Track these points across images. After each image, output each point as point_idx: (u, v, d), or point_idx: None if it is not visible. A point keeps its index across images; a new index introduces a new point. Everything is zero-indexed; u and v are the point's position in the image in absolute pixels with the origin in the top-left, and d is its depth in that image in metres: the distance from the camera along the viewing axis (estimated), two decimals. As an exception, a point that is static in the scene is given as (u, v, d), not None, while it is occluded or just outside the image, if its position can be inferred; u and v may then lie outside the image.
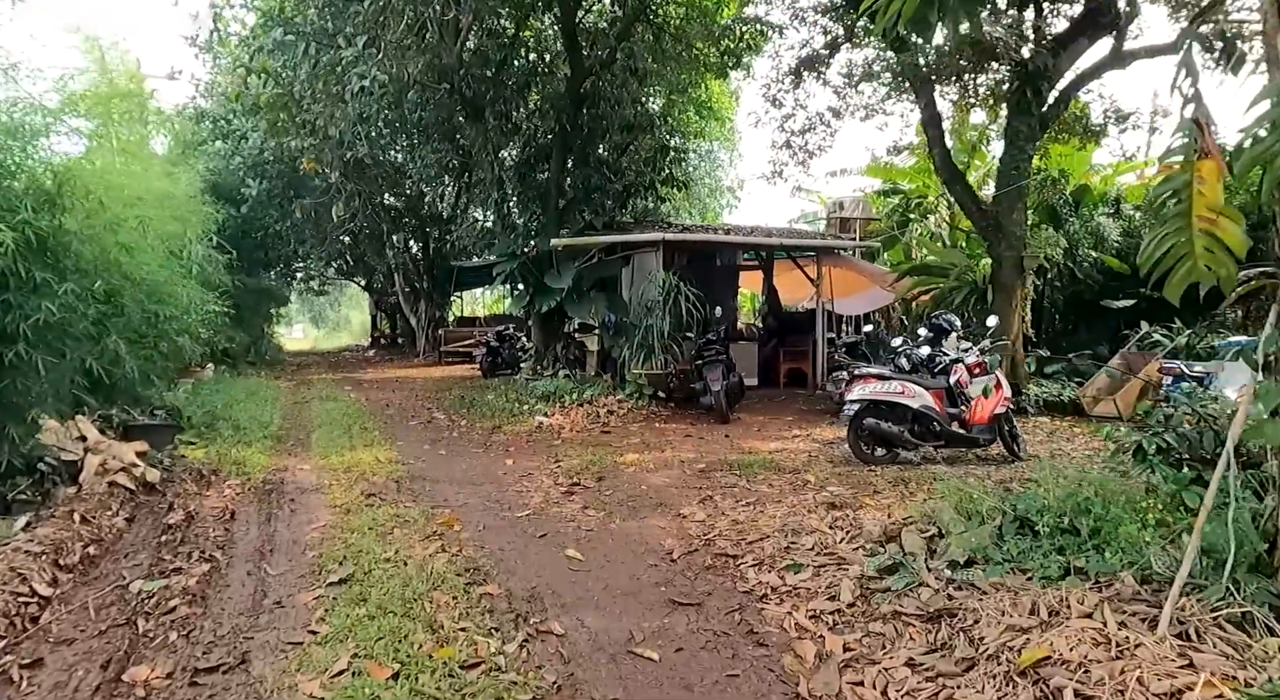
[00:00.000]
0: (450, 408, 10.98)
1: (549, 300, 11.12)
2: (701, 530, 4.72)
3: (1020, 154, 10.20)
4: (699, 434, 8.54)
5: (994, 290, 10.42)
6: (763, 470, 6.38)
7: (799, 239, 12.95)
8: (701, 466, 6.66)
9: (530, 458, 7.35)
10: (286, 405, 11.40)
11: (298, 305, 47.48)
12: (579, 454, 7.37)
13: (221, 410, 9.85)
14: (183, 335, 9.09)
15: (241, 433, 8.40)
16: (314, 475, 6.48)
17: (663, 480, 6.22)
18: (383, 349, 28.08)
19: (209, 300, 10.02)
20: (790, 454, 7.21)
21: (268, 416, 9.74)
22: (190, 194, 12.20)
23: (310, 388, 14.32)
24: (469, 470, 6.81)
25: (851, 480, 5.95)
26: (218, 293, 12.50)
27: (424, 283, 22.69)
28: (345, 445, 7.91)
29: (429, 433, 9.00)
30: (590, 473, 6.46)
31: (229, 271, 14.24)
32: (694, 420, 9.55)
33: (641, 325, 10.56)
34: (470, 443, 8.32)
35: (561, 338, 12.13)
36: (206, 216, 12.35)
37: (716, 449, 7.59)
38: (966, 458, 6.78)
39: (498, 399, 11.03)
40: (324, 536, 4.66)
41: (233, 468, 6.51)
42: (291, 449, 7.78)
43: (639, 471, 6.55)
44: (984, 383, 6.51)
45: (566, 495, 5.77)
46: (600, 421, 9.32)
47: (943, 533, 3.88)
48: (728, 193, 25.93)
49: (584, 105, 11.30)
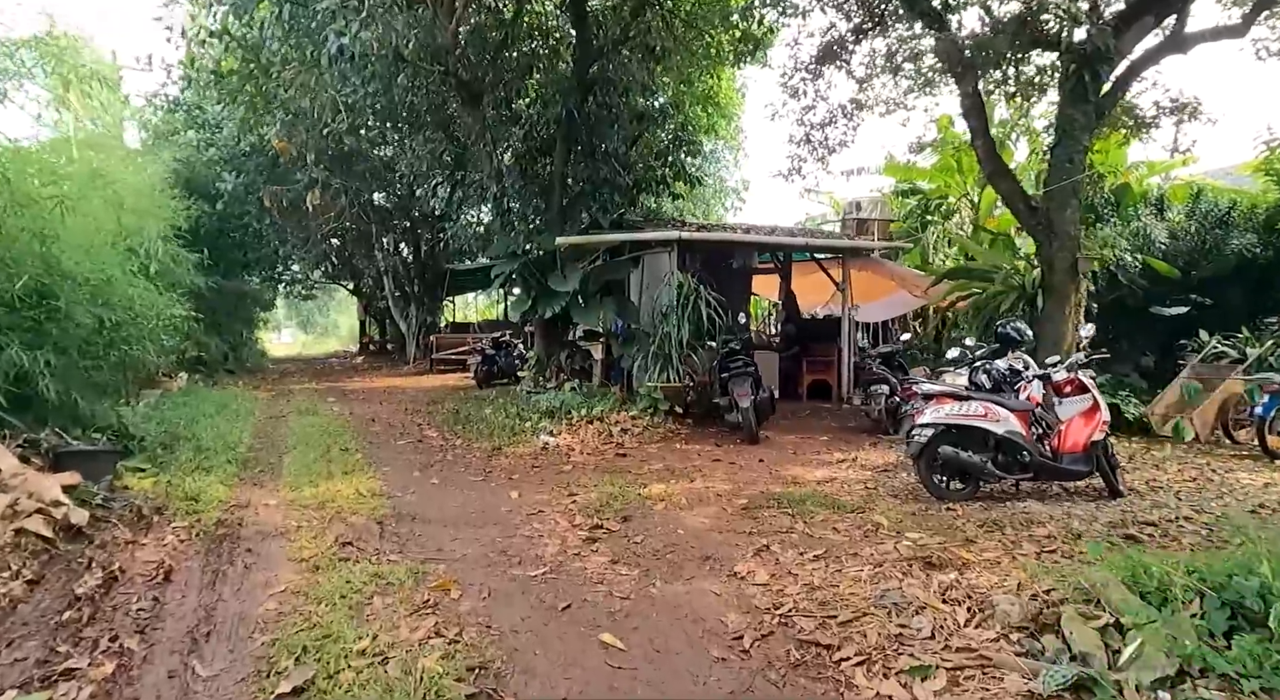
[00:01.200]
0: (443, 424, 9.90)
1: (553, 305, 10.08)
2: (770, 599, 3.68)
3: (1075, 145, 9.24)
4: (728, 458, 7.50)
5: (1045, 295, 9.45)
6: (818, 507, 5.35)
7: (825, 239, 11.96)
8: (743, 502, 5.62)
9: (538, 488, 6.28)
10: (260, 420, 10.28)
11: (285, 310, 46.29)
12: (595, 484, 6.32)
13: (184, 428, 8.74)
14: (140, 343, 8.03)
15: (203, 456, 7.30)
16: (280, 513, 5.39)
17: (701, 521, 5.17)
18: (371, 355, 26.92)
19: (173, 303, 8.95)
20: (842, 485, 6.18)
21: (236, 435, 8.63)
22: (153, 185, 11.12)
23: (290, 399, 13.19)
24: (467, 506, 5.74)
25: (932, 523, 4.92)
26: (185, 295, 11.42)
27: (415, 286, 21.59)
28: (321, 472, 6.82)
29: (419, 455, 7.92)
30: (612, 510, 5.40)
31: (201, 272, 13.13)
32: (718, 440, 8.51)
33: (656, 333, 9.53)
34: (467, 468, 7.24)
35: (565, 346, 11.08)
36: (174, 211, 11.27)
37: (754, 478, 6.55)
38: (1053, 491, 5.77)
39: (496, 414, 9.96)
40: (281, 610, 3.59)
41: (182, 505, 5.41)
42: (258, 477, 6.68)
43: (670, 509, 5.50)
44: (1078, 403, 5.51)
45: (588, 543, 4.71)
46: (614, 441, 8.26)
47: (1118, 621, 2.85)
48: (732, 193, 24.99)
49: (591, 91, 10.29)
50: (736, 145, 23.03)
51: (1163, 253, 11.65)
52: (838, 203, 19.23)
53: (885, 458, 7.34)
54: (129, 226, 9.59)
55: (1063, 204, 9.26)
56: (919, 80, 14.63)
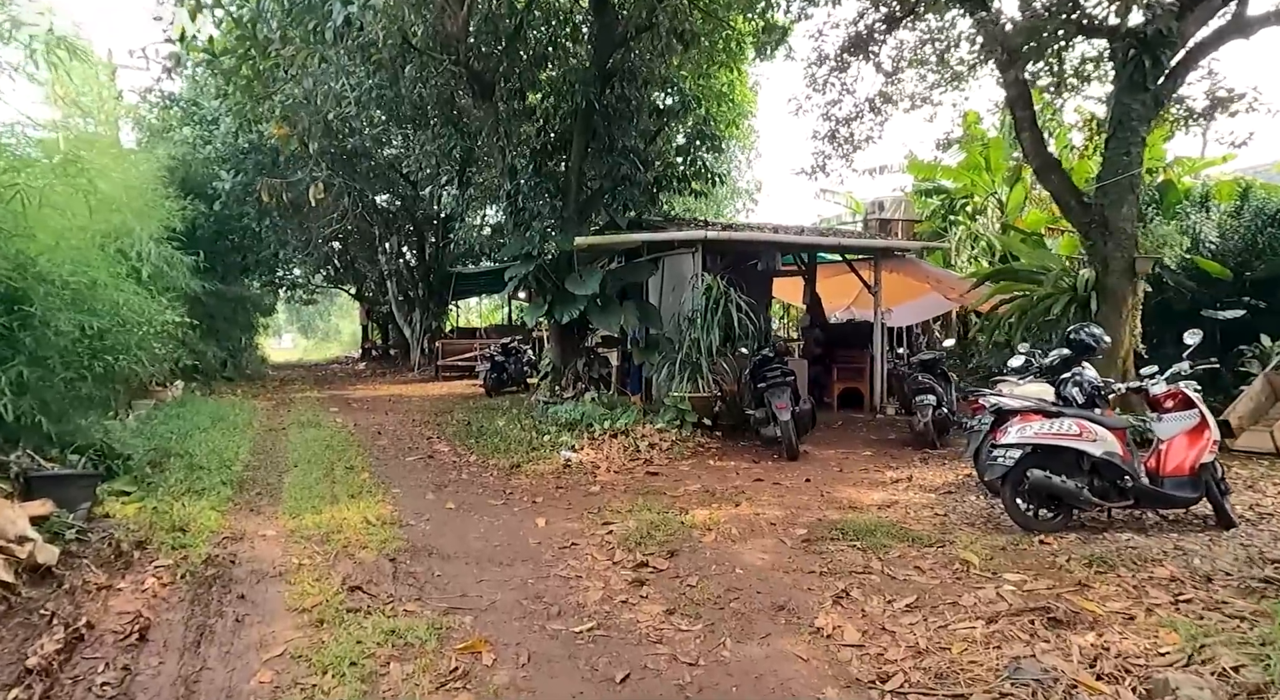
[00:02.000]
0: (455, 436, 9.26)
1: (571, 309, 9.44)
2: (871, 668, 3.03)
3: (1132, 137, 8.61)
4: (770, 476, 6.85)
5: (1100, 298, 8.81)
6: (889, 539, 4.70)
7: (859, 239, 11.33)
8: (802, 532, 4.97)
9: (567, 514, 5.64)
10: (259, 433, 9.64)
11: (286, 314, 45.76)
12: (629, 508, 5.68)
13: (176, 443, 8.11)
14: (129, 352, 7.41)
15: (195, 476, 6.67)
16: (279, 547, 4.76)
17: (759, 557, 4.52)
18: (374, 361, 26.30)
19: (165, 309, 8.34)
20: (907, 511, 5.53)
21: (232, 450, 8.00)
22: (146, 182, 10.51)
23: (291, 409, 12.56)
24: (489, 536, 5.09)
25: (1028, 561, 4.27)
26: (179, 300, 10.81)
27: (419, 290, 20.98)
28: (325, 495, 6.18)
29: (431, 473, 7.28)
30: (655, 543, 4.76)
31: (197, 276, 12.52)
32: (754, 455, 7.87)
33: (683, 339, 8.90)
34: (485, 489, 6.60)
35: (583, 353, 10.44)
36: (169, 210, 10.66)
37: (805, 501, 5.90)
38: (1151, 520, 5.11)
39: (511, 425, 9.32)
40: (278, 683, 2.94)
41: (168, 537, 4.77)
42: (255, 501, 6.04)
43: (720, 540, 4.86)
44: (1182, 421, 4.86)
45: (634, 586, 4.06)
46: (641, 458, 7.62)
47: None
48: (744, 194, 24.38)
49: (611, 82, 9.67)
50: (749, 145, 22.41)
51: (1211, 253, 11.01)
52: (857, 203, 18.60)
53: (943, 476, 6.69)
54: (118, 226, 8.99)
55: (1119, 200, 8.63)
56: (947, 74, 14.04)
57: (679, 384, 8.68)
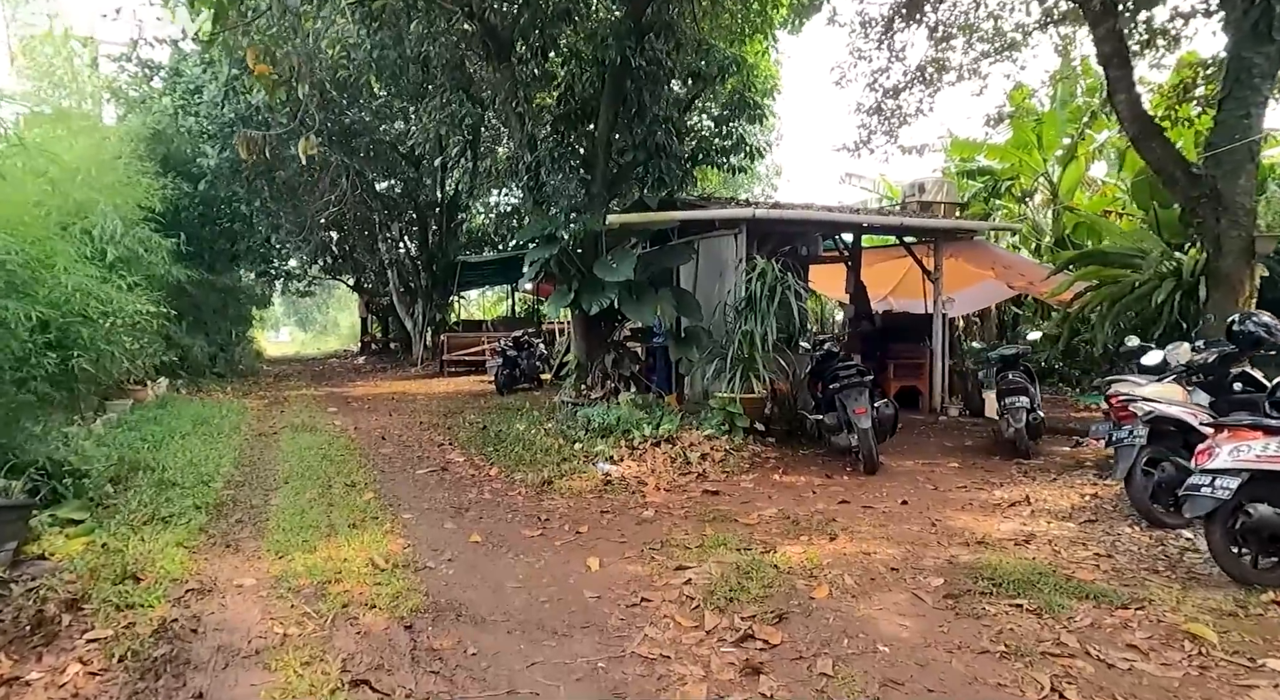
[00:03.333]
0: (470, 443, 8.12)
1: (600, 298, 8.28)
2: None
3: (1253, 97, 7.43)
4: (855, 496, 5.71)
5: (1210, 284, 7.66)
6: (1062, 595, 3.57)
7: (923, 220, 10.17)
8: (937, 582, 3.83)
9: (623, 551, 4.50)
10: (247, 439, 8.50)
11: (282, 307, 44.59)
12: (698, 542, 4.55)
13: (148, 453, 6.97)
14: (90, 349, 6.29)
15: (163, 497, 5.54)
16: (258, 605, 3.62)
17: (898, 623, 3.39)
18: (374, 355, 25.15)
19: (138, 298, 7.21)
20: (1055, 548, 4.39)
21: (213, 462, 6.85)
22: (116, 157, 9.34)
23: (284, 409, 11.41)
24: (532, 586, 3.95)
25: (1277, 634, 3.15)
26: (159, 289, 9.66)
27: (422, 281, 19.81)
28: (321, 522, 5.04)
29: (447, 491, 6.13)
30: (751, 599, 3.62)
31: (181, 263, 11.36)
32: (822, 467, 6.74)
33: (729, 331, 7.75)
34: (514, 513, 5.45)
35: (611, 347, 9.28)
36: (146, 189, 9.49)
37: (914, 532, 4.76)
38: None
39: (532, 430, 8.18)
40: None
41: (113, 592, 3.64)
42: (234, 532, 4.90)
43: (836, 596, 3.72)
44: None
45: (747, 674, 2.93)
46: (693, 471, 6.48)
47: None
48: (762, 179, 23.16)
49: (645, 38, 8.47)
50: (770, 127, 21.17)
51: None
52: (891, 187, 17.41)
53: (1066, 497, 5.55)
54: (82, 203, 7.84)
55: (1234, 171, 7.45)
56: (1000, 42, 12.87)
57: (732, 383, 7.54)
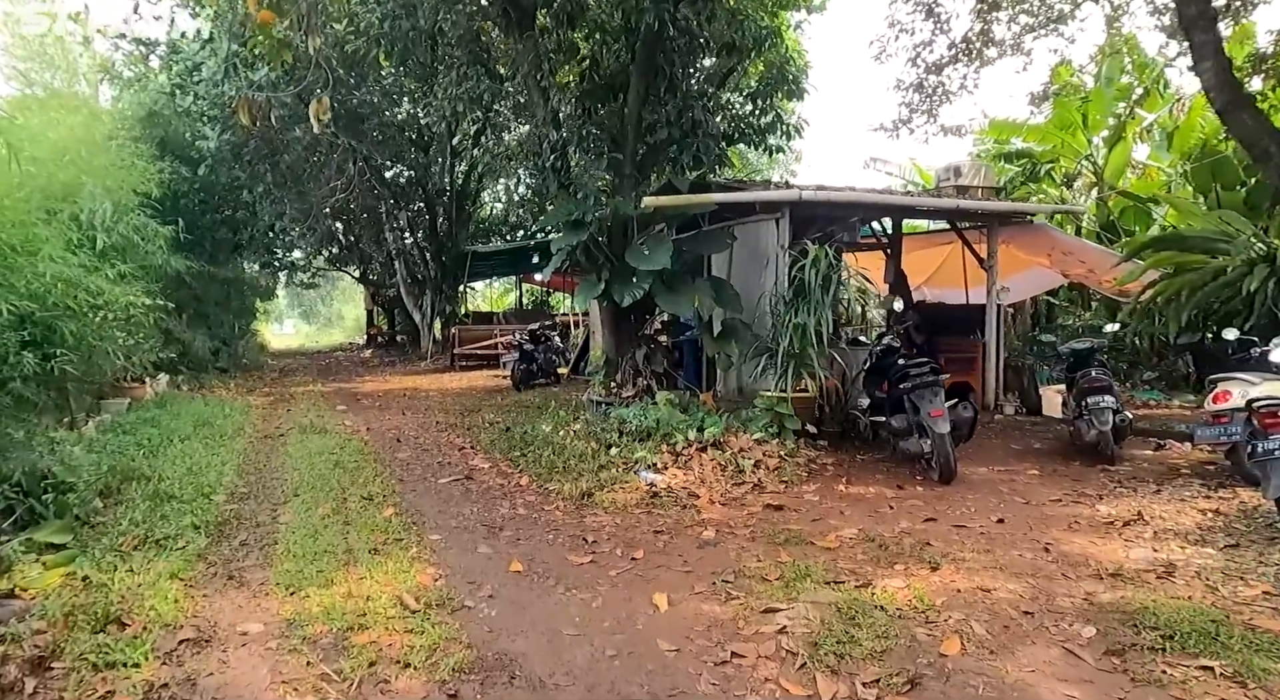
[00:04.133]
0: (494, 447, 7.47)
1: (633, 289, 7.60)
2: None
3: (1361, 64, 6.73)
4: (940, 512, 5.05)
5: (1312, 271, 6.98)
6: (1255, 652, 2.91)
7: (981, 202, 9.46)
8: (1089, 632, 3.16)
9: (691, 583, 3.84)
10: (251, 442, 7.87)
11: (287, 299, 44.00)
12: (778, 573, 3.89)
13: (144, 460, 6.34)
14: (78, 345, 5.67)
15: (158, 514, 4.91)
16: (266, 661, 2.98)
17: (1061, 693, 2.72)
18: (381, 349, 24.54)
19: (131, 292, 6.58)
20: (1207, 582, 3.70)
21: (215, 470, 6.22)
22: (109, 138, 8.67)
23: (291, 407, 10.78)
24: (592, 633, 3.30)
25: None
26: (156, 279, 9.01)
27: (431, 271, 19.14)
28: (337, 546, 4.39)
29: (476, 505, 5.48)
30: (867, 654, 2.97)
31: (181, 253, 10.70)
32: (889, 475, 6.07)
33: (779, 324, 7.07)
34: (555, 533, 4.80)
35: (642, 342, 8.61)
36: (141, 172, 8.82)
37: (1030, 560, 4.09)
38: None
39: (560, 431, 7.52)
40: None
41: (92, 642, 3.00)
42: (237, 559, 4.26)
43: (969, 651, 3.05)
44: None
45: (897, 770, 2.27)
46: (748, 481, 5.81)
47: None
48: (781, 165, 22.39)
49: (679, 5, 7.75)
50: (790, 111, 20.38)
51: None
52: (923, 172, 16.64)
53: (1184, 514, 4.87)
54: (69, 186, 7.17)
55: (1339, 146, 6.76)
56: (1046, 14, 12.12)
57: (776, 381, 6.87)
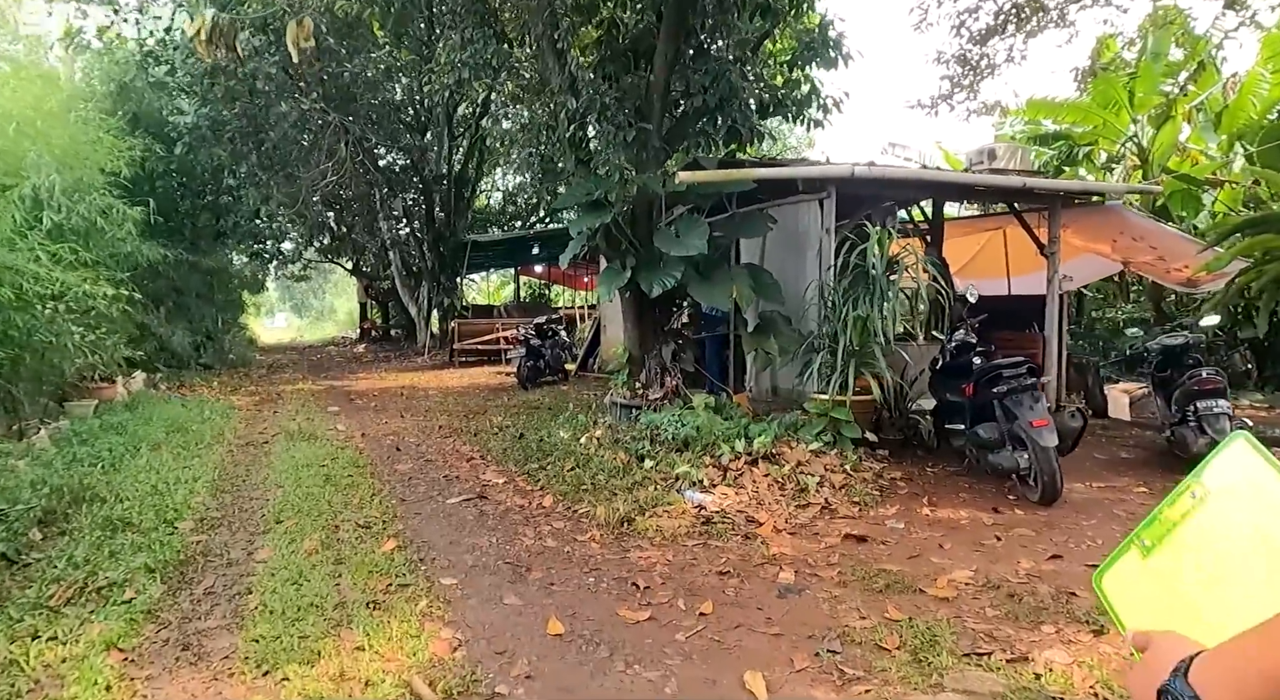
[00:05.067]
0: (508, 458, 6.54)
1: (664, 277, 6.67)
2: None
3: None
4: (1064, 548, 4.16)
5: None
6: None
7: (1051, 181, 8.60)
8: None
9: (786, 652, 2.95)
10: (230, 452, 6.93)
11: (278, 292, 42.89)
12: (893, 636, 3.00)
13: (100, 477, 5.41)
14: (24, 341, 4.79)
15: (106, 552, 3.98)
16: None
17: None
18: (375, 343, 23.57)
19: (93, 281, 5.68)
20: None
21: (184, 489, 5.28)
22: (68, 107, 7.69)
23: (278, 408, 9.84)
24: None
25: None
26: (124, 267, 8.06)
27: (428, 261, 18.18)
28: (325, 601, 3.47)
29: (494, 534, 4.57)
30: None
31: (160, 241, 9.73)
32: (974, 494, 5.19)
33: (834, 317, 6.17)
34: (596, 574, 3.89)
35: (668, 337, 7.70)
36: (110, 148, 7.85)
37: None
38: None
39: (580, 438, 6.61)
40: None
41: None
42: (195, 622, 3.33)
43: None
44: None
45: None
46: (812, 503, 4.92)
47: None
48: (794, 150, 21.49)
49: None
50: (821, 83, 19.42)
51: None
52: (951, 157, 15.74)
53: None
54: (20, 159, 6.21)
55: None
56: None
57: (835, 381, 5.97)
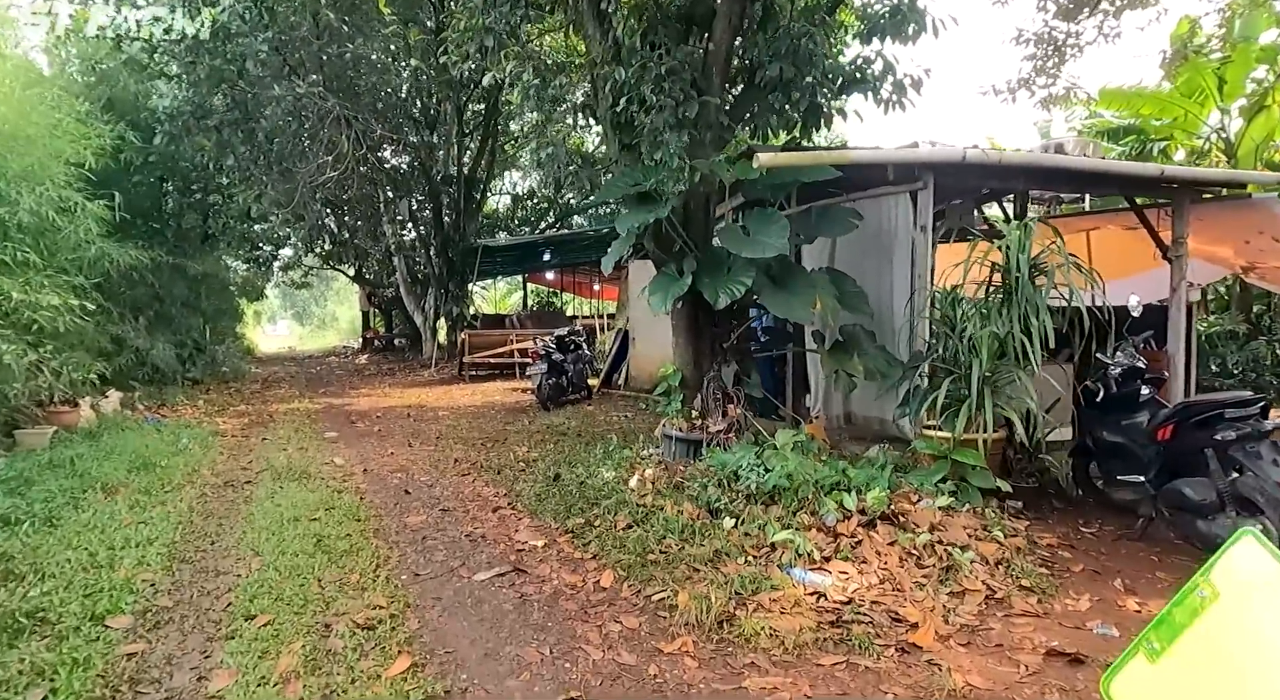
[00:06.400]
0: (543, 508, 5.26)
1: (731, 284, 5.45)
2: None
3: None
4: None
5: None
6: None
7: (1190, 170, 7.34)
8: None
9: None
10: (201, 499, 5.68)
11: (280, 299, 41.80)
12: None
13: (23, 540, 4.17)
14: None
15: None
16: None
17: None
18: (377, 353, 22.37)
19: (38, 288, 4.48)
20: None
21: (130, 562, 4.03)
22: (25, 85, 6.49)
23: (267, 434, 8.60)
24: None
25: None
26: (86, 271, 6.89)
27: (436, 268, 17.00)
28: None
29: (543, 638, 3.31)
30: None
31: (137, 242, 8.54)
32: (1169, 568, 3.94)
33: (963, 335, 4.91)
34: (708, 726, 2.64)
35: (728, 356, 6.45)
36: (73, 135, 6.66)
37: None
38: None
39: (627, 480, 5.35)
40: None
41: None
42: None
43: None
44: None
45: None
46: (968, 588, 3.66)
47: None
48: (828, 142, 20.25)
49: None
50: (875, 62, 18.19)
51: None
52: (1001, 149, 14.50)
53: None
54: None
55: None
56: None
57: (954, 418, 4.72)
